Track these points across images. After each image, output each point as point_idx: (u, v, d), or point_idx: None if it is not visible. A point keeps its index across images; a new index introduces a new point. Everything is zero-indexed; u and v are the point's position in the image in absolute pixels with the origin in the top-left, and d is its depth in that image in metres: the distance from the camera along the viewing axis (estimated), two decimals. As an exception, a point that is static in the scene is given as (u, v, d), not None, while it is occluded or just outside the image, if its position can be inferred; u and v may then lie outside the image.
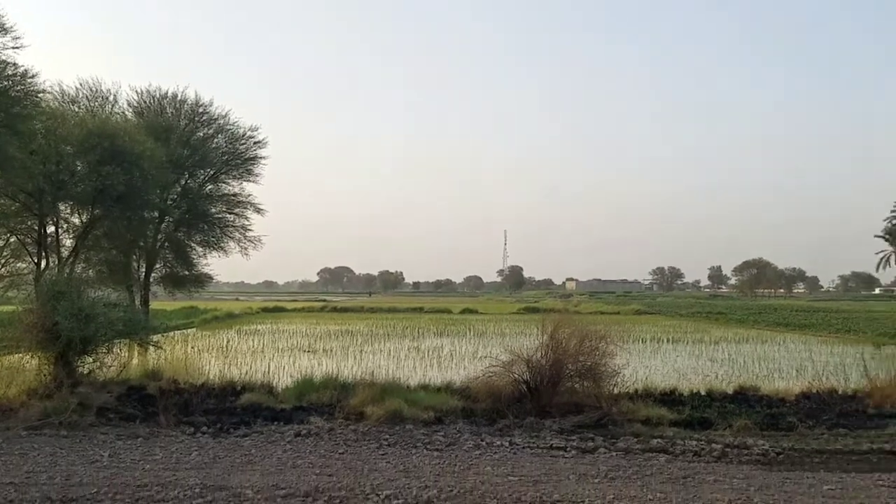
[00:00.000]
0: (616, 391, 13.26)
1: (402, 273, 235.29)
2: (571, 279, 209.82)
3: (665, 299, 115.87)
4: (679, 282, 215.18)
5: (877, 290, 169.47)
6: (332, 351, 25.06)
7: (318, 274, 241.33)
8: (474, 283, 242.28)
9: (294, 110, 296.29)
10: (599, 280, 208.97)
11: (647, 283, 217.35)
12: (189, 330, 35.94)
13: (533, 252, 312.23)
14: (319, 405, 12.81)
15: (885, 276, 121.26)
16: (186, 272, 33.10)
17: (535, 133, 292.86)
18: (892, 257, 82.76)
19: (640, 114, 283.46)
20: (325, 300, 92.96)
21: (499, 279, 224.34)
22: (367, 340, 30.18)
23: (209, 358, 21.98)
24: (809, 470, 9.09)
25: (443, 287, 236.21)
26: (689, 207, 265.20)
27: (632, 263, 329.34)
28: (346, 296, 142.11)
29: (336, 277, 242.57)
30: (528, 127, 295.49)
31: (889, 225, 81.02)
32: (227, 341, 28.67)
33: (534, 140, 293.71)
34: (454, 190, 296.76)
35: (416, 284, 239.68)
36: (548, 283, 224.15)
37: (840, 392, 14.61)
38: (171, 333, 28.82)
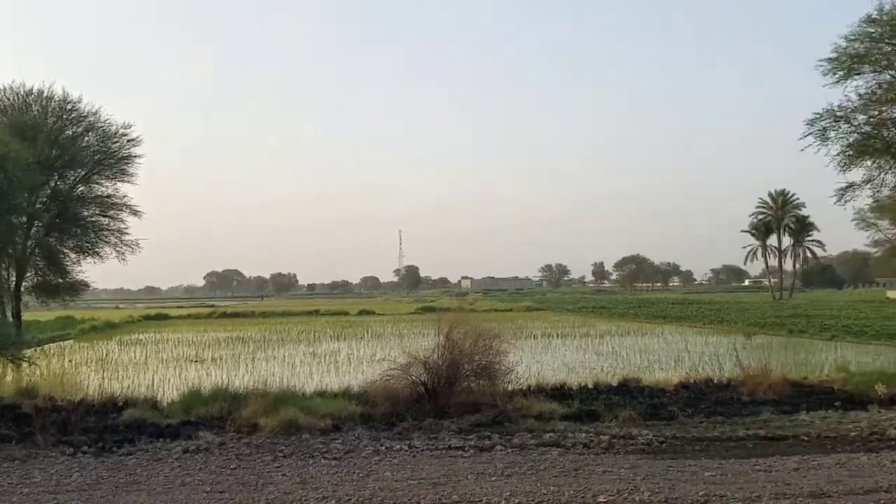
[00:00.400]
0: (511, 388, 13.61)
1: (295, 275, 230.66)
2: (466, 277, 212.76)
3: (553, 295, 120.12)
4: (566, 278, 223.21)
5: (746, 282, 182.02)
6: (221, 360, 24.22)
7: (204, 278, 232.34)
8: (371, 284, 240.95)
9: (175, 103, 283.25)
10: (493, 278, 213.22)
11: (536, 279, 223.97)
12: (65, 342, 33.79)
13: (429, 251, 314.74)
14: (209, 419, 12.34)
15: (752, 269, 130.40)
16: (60, 280, 31.01)
17: (434, 132, 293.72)
18: (759, 251, 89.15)
19: (533, 113, 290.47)
20: (213, 305, 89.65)
21: (395, 279, 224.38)
22: (259, 347, 29.40)
23: (88, 372, 20.73)
24: (691, 457, 9.64)
25: (339, 288, 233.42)
26: (572, 206, 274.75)
27: (523, 261, 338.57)
28: (236, 300, 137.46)
29: (225, 281, 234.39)
30: (427, 126, 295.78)
31: (755, 220, 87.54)
32: (107, 353, 27.17)
33: (431, 138, 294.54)
34: (350, 188, 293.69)
35: (311, 286, 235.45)
36: (444, 282, 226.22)
37: (716, 381, 15.56)
38: (47, 346, 26.96)
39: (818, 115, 17.02)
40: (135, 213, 31.74)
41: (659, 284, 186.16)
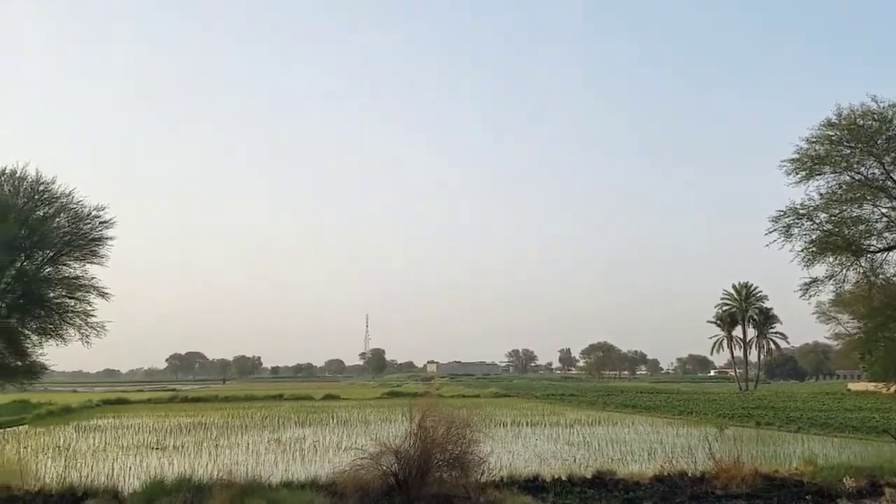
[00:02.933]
0: (483, 479, 13.42)
1: (259, 357, 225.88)
2: (433, 362, 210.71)
3: (521, 381, 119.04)
4: (533, 363, 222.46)
5: (712, 372, 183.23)
6: (184, 447, 23.49)
7: (166, 360, 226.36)
8: (336, 367, 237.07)
9: (141, 191, 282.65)
10: (459, 362, 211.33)
11: (503, 364, 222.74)
12: (21, 427, 32.49)
13: (395, 335, 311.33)
14: (173, 510, 11.95)
15: (718, 359, 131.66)
16: (18, 363, 30.12)
17: (384, 221, 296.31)
18: (724, 341, 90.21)
19: (492, 210, 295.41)
20: (174, 389, 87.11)
21: (361, 362, 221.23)
22: (222, 433, 28.58)
23: (46, 459, 19.99)
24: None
25: (303, 371, 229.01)
26: (540, 293, 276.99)
27: (489, 346, 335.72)
28: (198, 383, 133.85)
29: (187, 364, 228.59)
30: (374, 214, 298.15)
31: (720, 311, 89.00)
32: (65, 439, 26.15)
33: (385, 226, 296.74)
34: (315, 273, 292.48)
35: (275, 369, 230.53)
36: (409, 366, 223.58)
37: (690, 474, 15.53)
38: (1, 432, 25.90)
39: (782, 213, 17.74)
40: (102, 295, 31.25)
41: (626, 373, 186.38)
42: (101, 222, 31.39)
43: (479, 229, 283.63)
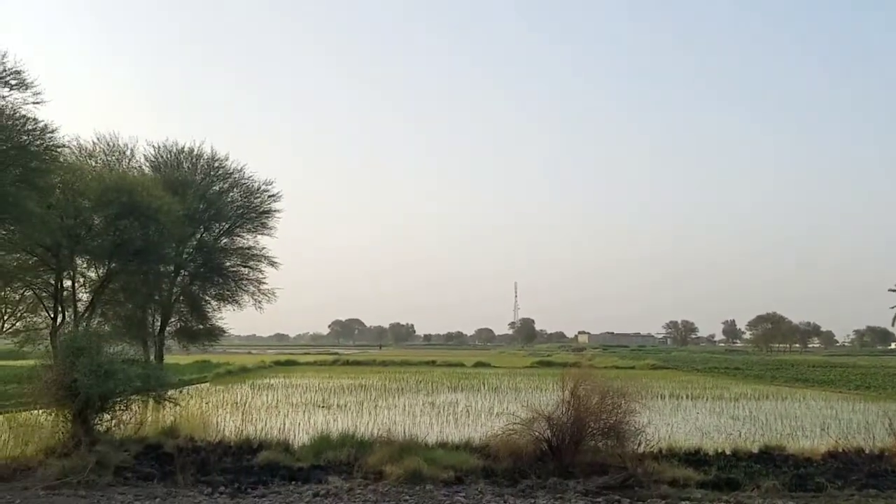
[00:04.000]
0: (640, 450, 12.99)
1: (412, 325, 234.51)
2: (584, 332, 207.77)
3: (680, 353, 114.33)
4: (693, 336, 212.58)
5: (893, 345, 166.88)
6: (346, 406, 24.77)
7: (329, 326, 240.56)
8: (486, 336, 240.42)
9: (304, 164, 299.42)
10: (612, 333, 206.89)
11: (660, 336, 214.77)
12: (203, 385, 35.71)
13: (544, 304, 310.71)
14: (337, 463, 12.62)
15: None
16: (201, 326, 33.10)
17: (549, 184, 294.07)
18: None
19: (653, 169, 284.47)
20: (336, 353, 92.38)
21: (510, 332, 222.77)
22: (381, 395, 29.86)
23: (224, 414, 21.76)
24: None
25: (454, 340, 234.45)
26: (701, 261, 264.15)
27: (644, 316, 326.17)
28: (357, 349, 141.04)
29: (347, 330, 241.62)
30: (539, 180, 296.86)
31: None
32: (242, 396, 28.44)
33: (545, 192, 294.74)
34: (463, 241, 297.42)
35: (427, 337, 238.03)
36: (559, 336, 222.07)
37: (867, 451, 14.26)
38: (185, 389, 28.60)
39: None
40: (272, 264, 33.60)
41: (797, 346, 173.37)
42: (269, 196, 33.68)
43: (641, 201, 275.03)
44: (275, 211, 33.53)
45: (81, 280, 25.79)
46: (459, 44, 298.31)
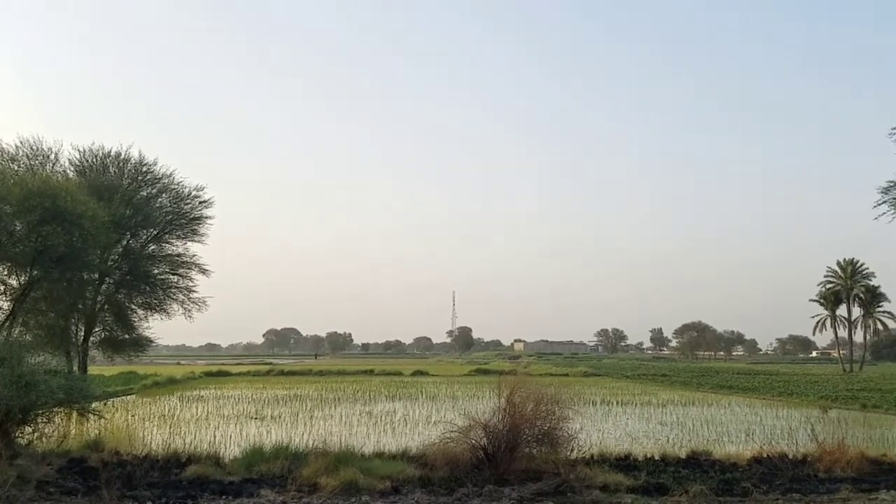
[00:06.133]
0: (573, 456, 13.22)
1: (350, 334, 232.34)
2: (519, 340, 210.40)
3: (610, 361, 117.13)
4: (623, 343, 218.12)
5: (814, 353, 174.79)
6: (281, 417, 24.35)
7: (263, 336, 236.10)
8: (424, 345, 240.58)
9: (243, 168, 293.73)
10: (546, 341, 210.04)
11: (592, 344, 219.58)
12: (129, 396, 34.56)
13: (482, 313, 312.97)
14: (270, 476, 12.37)
15: (821, 340, 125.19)
16: (126, 335, 31.95)
17: (486, 194, 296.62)
18: (828, 321, 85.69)
19: (586, 185, 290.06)
20: (271, 363, 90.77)
21: (448, 340, 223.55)
22: (317, 405, 29.48)
23: (151, 427, 21.08)
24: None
25: (392, 348, 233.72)
26: (630, 271, 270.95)
27: (577, 325, 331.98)
28: (292, 358, 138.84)
29: (282, 339, 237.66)
30: (479, 189, 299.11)
31: (823, 289, 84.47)
32: (170, 408, 27.62)
33: (481, 201, 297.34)
34: (404, 251, 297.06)
35: (365, 346, 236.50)
36: (496, 344, 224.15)
37: (790, 456, 14.78)
38: (111, 401, 27.59)
39: (893, 184, 16.54)
40: (203, 271, 32.73)
41: (722, 353, 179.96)
42: (200, 202, 32.82)
43: (565, 210, 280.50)
44: (206, 217, 32.70)
45: (2, 288, 24.62)
46: (401, 47, 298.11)
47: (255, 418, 24.12)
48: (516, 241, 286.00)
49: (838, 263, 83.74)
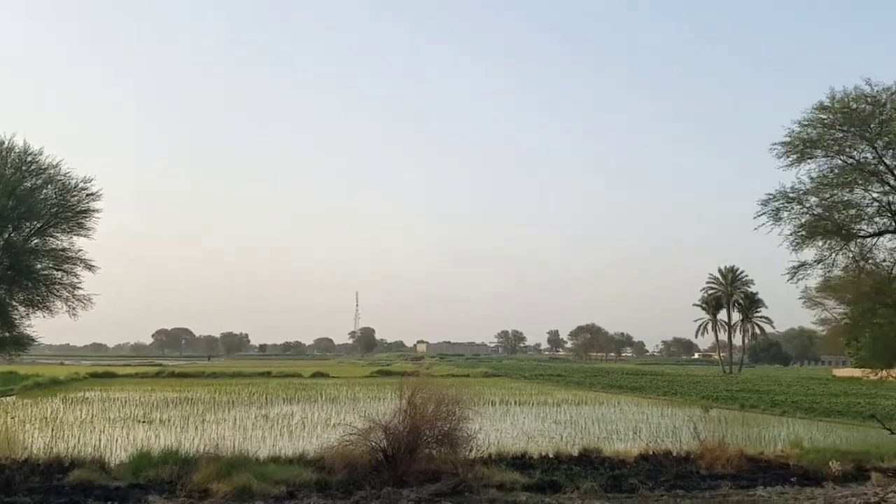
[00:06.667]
0: (472, 455, 13.45)
1: (247, 335, 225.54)
2: (422, 341, 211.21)
3: (510, 362, 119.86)
4: (522, 345, 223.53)
5: (696, 356, 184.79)
6: (170, 421, 23.44)
7: (153, 336, 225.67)
8: (325, 346, 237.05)
9: (144, 164, 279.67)
10: (449, 342, 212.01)
11: (493, 345, 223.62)
12: (8, 398, 32.40)
13: (385, 314, 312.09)
14: (158, 482, 11.96)
15: (702, 342, 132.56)
16: (7, 334, 29.88)
17: (393, 193, 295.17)
18: (709, 325, 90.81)
19: (488, 193, 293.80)
20: (160, 364, 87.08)
21: (350, 341, 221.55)
22: (209, 408, 28.55)
23: (32, 430, 19.90)
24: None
25: (291, 350, 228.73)
26: (531, 274, 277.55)
27: (479, 326, 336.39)
28: (184, 360, 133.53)
29: (173, 340, 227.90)
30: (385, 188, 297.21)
31: (706, 295, 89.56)
32: (52, 411, 26.06)
33: (391, 201, 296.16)
34: (304, 249, 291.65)
35: (263, 347, 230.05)
36: (399, 346, 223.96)
37: (675, 454, 15.63)
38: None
39: (771, 196, 17.65)
40: (89, 267, 30.91)
41: (612, 354, 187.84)
42: (88, 194, 30.89)
43: (470, 211, 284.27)
44: (93, 210, 30.95)
45: None
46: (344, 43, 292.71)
47: (143, 422, 23.14)
48: (417, 241, 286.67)
49: (719, 270, 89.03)
